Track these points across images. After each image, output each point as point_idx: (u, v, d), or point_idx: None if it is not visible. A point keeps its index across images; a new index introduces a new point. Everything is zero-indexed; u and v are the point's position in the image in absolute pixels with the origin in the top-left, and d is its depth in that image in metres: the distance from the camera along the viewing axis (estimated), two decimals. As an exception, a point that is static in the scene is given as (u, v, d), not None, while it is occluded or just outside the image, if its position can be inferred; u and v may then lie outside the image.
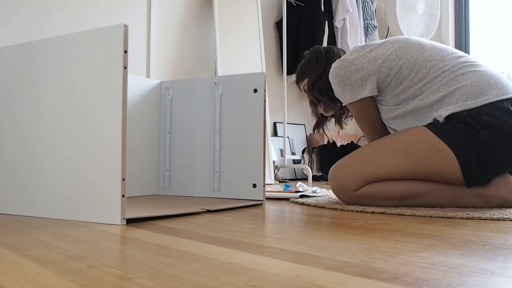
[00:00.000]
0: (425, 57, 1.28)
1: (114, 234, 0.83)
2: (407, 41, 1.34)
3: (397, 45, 1.32)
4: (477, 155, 1.13)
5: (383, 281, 0.49)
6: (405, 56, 1.29)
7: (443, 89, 1.22)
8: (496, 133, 1.13)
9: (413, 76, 1.27)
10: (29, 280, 0.50)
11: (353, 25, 3.10)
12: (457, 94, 1.19)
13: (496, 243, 0.71)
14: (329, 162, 1.51)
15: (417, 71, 1.27)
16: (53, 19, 1.87)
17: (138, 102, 1.61)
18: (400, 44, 1.32)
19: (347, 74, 1.32)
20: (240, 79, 1.51)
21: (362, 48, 1.37)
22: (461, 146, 1.14)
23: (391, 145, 1.24)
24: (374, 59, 1.31)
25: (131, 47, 2.18)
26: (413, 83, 1.27)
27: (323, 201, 1.37)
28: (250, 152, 1.46)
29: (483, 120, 1.13)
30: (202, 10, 2.59)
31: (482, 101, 1.16)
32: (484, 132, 1.12)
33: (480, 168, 1.14)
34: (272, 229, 0.88)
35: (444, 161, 1.15)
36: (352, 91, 1.33)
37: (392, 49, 1.31)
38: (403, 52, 1.30)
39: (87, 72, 1.01)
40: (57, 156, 1.04)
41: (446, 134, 1.16)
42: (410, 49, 1.30)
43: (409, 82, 1.27)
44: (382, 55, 1.31)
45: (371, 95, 1.32)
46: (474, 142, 1.13)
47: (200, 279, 0.50)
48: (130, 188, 1.56)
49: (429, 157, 1.17)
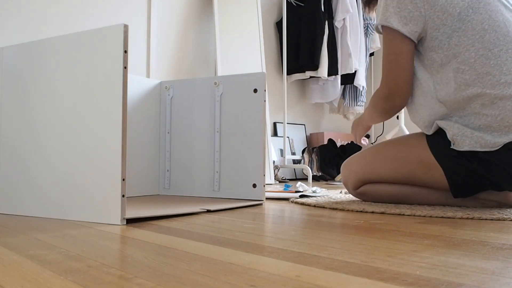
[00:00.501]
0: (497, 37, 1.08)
1: (114, 234, 0.83)
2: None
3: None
4: (465, 180, 1.13)
5: (383, 281, 0.49)
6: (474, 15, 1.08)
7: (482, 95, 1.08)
8: (489, 171, 1.08)
9: (466, 51, 1.08)
10: (29, 280, 0.50)
11: (353, 25, 3.10)
12: (482, 120, 1.08)
13: (496, 243, 0.71)
14: (329, 162, 1.53)
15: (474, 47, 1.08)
16: (53, 19, 1.87)
17: (138, 102, 1.61)
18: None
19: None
20: (240, 79, 1.51)
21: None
22: (451, 168, 1.13)
23: (386, 155, 1.28)
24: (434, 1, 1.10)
25: (131, 47, 2.19)
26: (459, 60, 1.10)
27: (323, 201, 1.37)
28: (250, 152, 1.46)
29: (479, 156, 1.08)
30: (202, 10, 2.59)
31: (498, 145, 1.06)
32: (477, 165, 1.08)
33: (467, 189, 1.15)
34: (272, 229, 0.88)
35: (430, 177, 1.18)
36: (392, 15, 1.13)
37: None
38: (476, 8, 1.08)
39: (87, 72, 1.01)
40: (57, 156, 1.04)
41: (440, 153, 1.15)
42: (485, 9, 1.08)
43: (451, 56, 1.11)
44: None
45: (408, 36, 1.13)
46: (465, 170, 1.11)
47: (200, 279, 0.50)
48: (130, 188, 1.56)
49: (415, 170, 1.21)
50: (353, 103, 3.32)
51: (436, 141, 1.16)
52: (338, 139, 3.32)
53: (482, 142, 1.07)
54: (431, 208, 1.18)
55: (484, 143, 1.07)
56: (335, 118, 3.71)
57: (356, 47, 3.12)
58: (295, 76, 3.09)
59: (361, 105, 3.33)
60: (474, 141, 1.08)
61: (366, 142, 1.53)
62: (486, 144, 1.07)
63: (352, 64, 3.05)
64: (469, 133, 1.09)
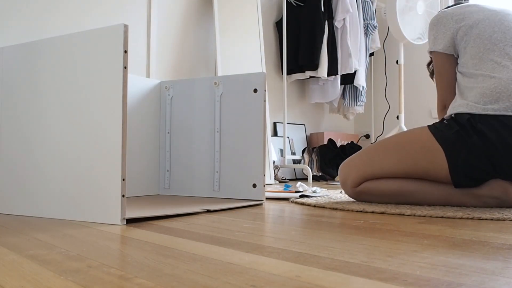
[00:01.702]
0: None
1: (114, 234, 0.83)
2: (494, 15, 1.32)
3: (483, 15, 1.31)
4: (465, 159, 1.17)
5: (383, 281, 0.49)
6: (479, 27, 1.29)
7: (475, 78, 1.25)
8: (487, 145, 1.16)
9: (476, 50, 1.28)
10: (29, 280, 0.50)
11: (353, 25, 3.10)
12: (475, 91, 1.22)
13: (496, 243, 0.71)
14: (329, 162, 1.54)
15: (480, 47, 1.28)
16: (53, 19, 1.87)
17: (138, 102, 1.61)
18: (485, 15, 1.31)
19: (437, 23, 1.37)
20: (240, 79, 1.51)
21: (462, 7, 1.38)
22: (451, 148, 1.19)
23: (388, 146, 1.31)
24: (460, 19, 1.33)
25: (131, 47, 2.18)
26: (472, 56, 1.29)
27: (323, 201, 1.37)
28: (250, 152, 1.46)
29: (478, 127, 1.16)
30: (202, 10, 2.59)
31: (489, 111, 1.18)
32: (476, 138, 1.16)
33: (466, 171, 1.18)
34: (272, 229, 0.88)
35: (433, 161, 1.22)
36: (433, 41, 1.38)
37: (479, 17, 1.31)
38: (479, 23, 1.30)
39: (87, 72, 1.01)
40: (57, 156, 1.04)
41: (442, 135, 1.21)
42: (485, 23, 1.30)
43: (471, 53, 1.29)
44: (471, 17, 1.32)
45: (444, 52, 1.35)
46: (465, 145, 1.17)
47: (200, 279, 0.50)
48: (130, 188, 1.56)
49: (419, 157, 1.24)
50: (353, 103, 3.32)
51: (438, 125, 1.25)
52: (338, 139, 3.32)
53: (474, 108, 1.20)
54: (431, 208, 1.18)
55: (475, 108, 1.20)
56: (335, 118, 3.71)
57: (356, 47, 3.12)
58: (295, 76, 3.09)
59: (361, 105, 3.33)
60: (469, 108, 1.21)
61: None
62: (477, 109, 1.19)
63: (352, 64, 3.05)
64: (464, 103, 1.23)
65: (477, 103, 1.20)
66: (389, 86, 3.57)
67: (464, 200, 1.21)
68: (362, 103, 3.34)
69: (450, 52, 1.34)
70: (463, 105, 1.23)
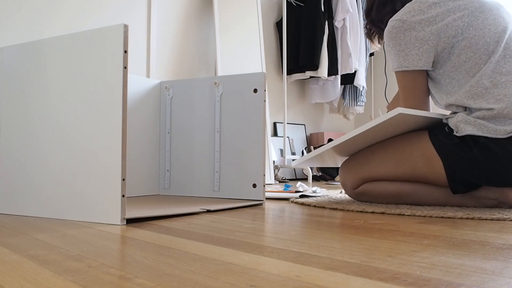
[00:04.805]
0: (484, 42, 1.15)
1: (114, 234, 0.83)
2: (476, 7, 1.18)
3: (463, 12, 1.17)
4: (463, 170, 1.15)
5: (383, 281, 0.49)
6: (467, 32, 1.16)
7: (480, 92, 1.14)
8: (490, 158, 1.10)
9: (463, 62, 1.16)
10: (29, 280, 0.50)
11: (353, 25, 3.10)
12: (488, 111, 1.12)
13: (496, 243, 0.71)
14: (329, 162, 1.53)
15: (469, 58, 1.16)
16: (53, 19, 1.87)
17: (138, 102, 1.61)
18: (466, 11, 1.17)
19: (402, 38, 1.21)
20: (240, 79, 1.51)
21: (424, 7, 1.20)
22: (450, 159, 1.16)
23: (387, 150, 1.29)
24: (431, 23, 1.17)
25: (131, 47, 2.19)
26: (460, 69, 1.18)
27: (323, 201, 1.37)
28: (250, 152, 1.46)
29: (481, 141, 1.11)
30: (202, 10, 2.59)
31: (503, 134, 1.09)
32: (477, 151, 1.11)
33: (464, 181, 1.16)
34: (272, 229, 0.88)
35: (431, 169, 1.20)
36: (404, 58, 1.22)
37: (456, 16, 1.17)
38: (466, 25, 1.16)
39: (87, 72, 1.01)
40: (57, 156, 1.04)
41: (441, 144, 1.17)
42: (474, 23, 1.16)
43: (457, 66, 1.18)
44: (442, 19, 1.17)
45: (421, 69, 1.21)
46: (464, 157, 1.13)
47: (200, 279, 0.50)
48: (130, 188, 1.56)
49: (417, 164, 1.22)
50: (353, 103, 3.32)
51: (438, 133, 1.19)
52: (338, 139, 3.31)
53: (484, 128, 1.11)
54: (431, 208, 1.18)
55: (486, 129, 1.11)
56: (335, 118, 3.71)
57: (356, 47, 3.12)
58: (295, 76, 3.09)
59: (361, 105, 3.33)
60: (476, 127, 1.12)
61: None
62: (488, 130, 1.11)
63: (352, 64, 3.05)
64: (472, 120, 1.13)
65: (487, 122, 1.11)
66: (389, 86, 3.57)
67: (463, 202, 1.21)
68: (362, 103, 3.34)
69: (428, 68, 1.21)
70: (470, 122, 1.13)
